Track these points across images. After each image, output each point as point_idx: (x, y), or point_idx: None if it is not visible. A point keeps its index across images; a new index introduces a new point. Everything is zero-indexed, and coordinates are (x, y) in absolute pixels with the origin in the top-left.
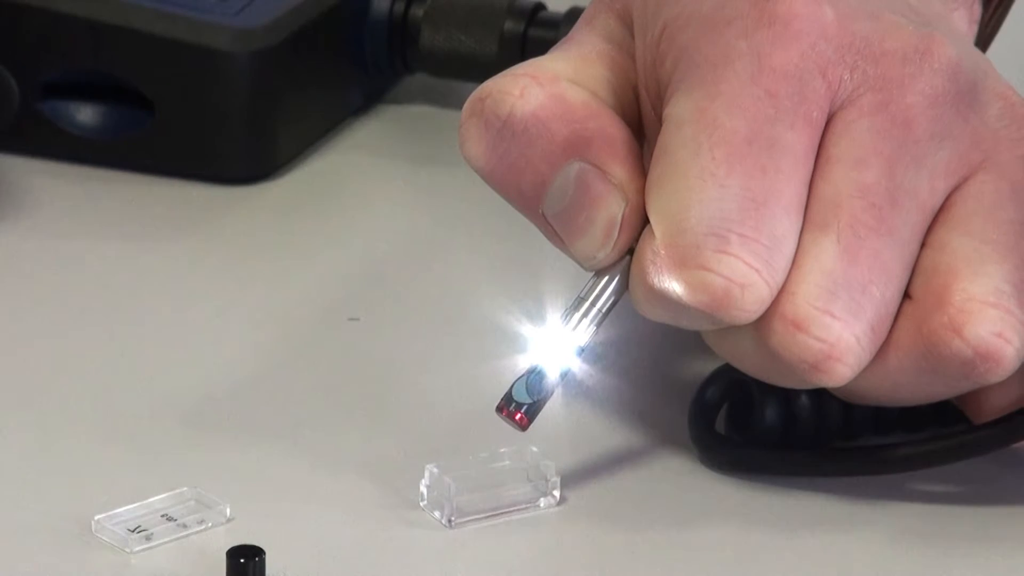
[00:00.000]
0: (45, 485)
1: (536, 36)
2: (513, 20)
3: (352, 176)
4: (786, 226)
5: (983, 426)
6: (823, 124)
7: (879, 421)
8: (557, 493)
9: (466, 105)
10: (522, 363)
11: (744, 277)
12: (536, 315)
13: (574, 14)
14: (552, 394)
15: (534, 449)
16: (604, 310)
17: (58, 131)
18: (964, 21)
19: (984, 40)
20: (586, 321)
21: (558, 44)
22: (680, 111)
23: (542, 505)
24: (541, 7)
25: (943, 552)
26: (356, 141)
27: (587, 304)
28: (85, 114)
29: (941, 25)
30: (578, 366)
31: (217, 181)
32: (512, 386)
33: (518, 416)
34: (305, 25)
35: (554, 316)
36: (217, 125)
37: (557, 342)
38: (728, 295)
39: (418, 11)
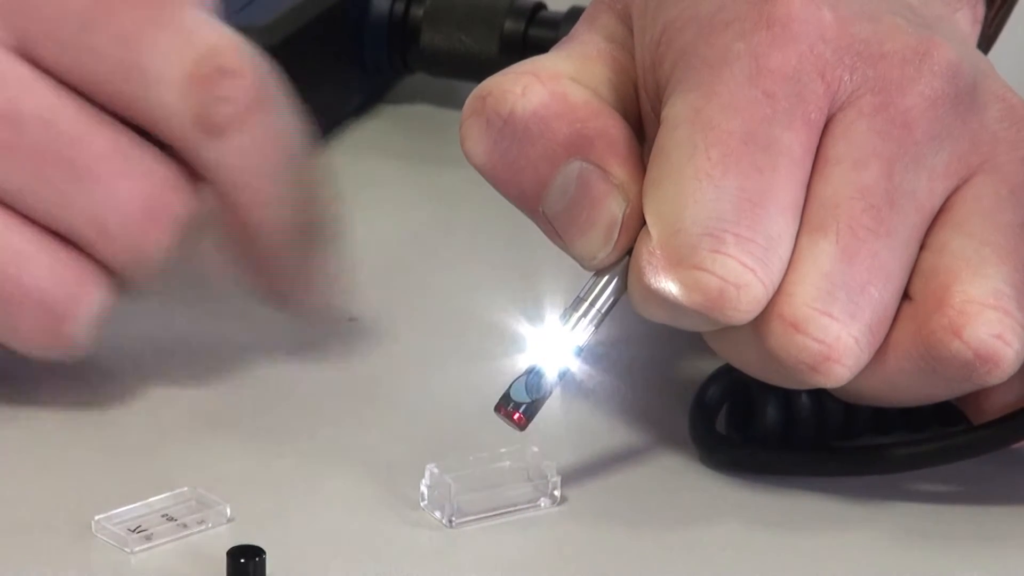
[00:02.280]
0: (45, 485)
1: (536, 36)
2: (513, 20)
3: (352, 176)
4: (782, 226)
5: (984, 426)
6: (821, 125)
7: (879, 421)
8: (557, 493)
9: (467, 103)
10: (521, 363)
11: (739, 277)
12: (535, 315)
13: (574, 13)
14: (550, 394)
15: (534, 449)
16: (603, 311)
17: None
18: (967, 21)
19: (987, 39)
20: (585, 321)
21: (559, 43)
22: (677, 112)
23: (542, 505)
24: (541, 7)
25: (943, 552)
26: (356, 141)
27: (586, 304)
28: None
29: (941, 27)
30: (577, 366)
31: None
32: (510, 386)
33: (516, 416)
34: (305, 25)
35: (553, 316)
36: None
37: (556, 342)
38: (723, 295)
39: (418, 11)
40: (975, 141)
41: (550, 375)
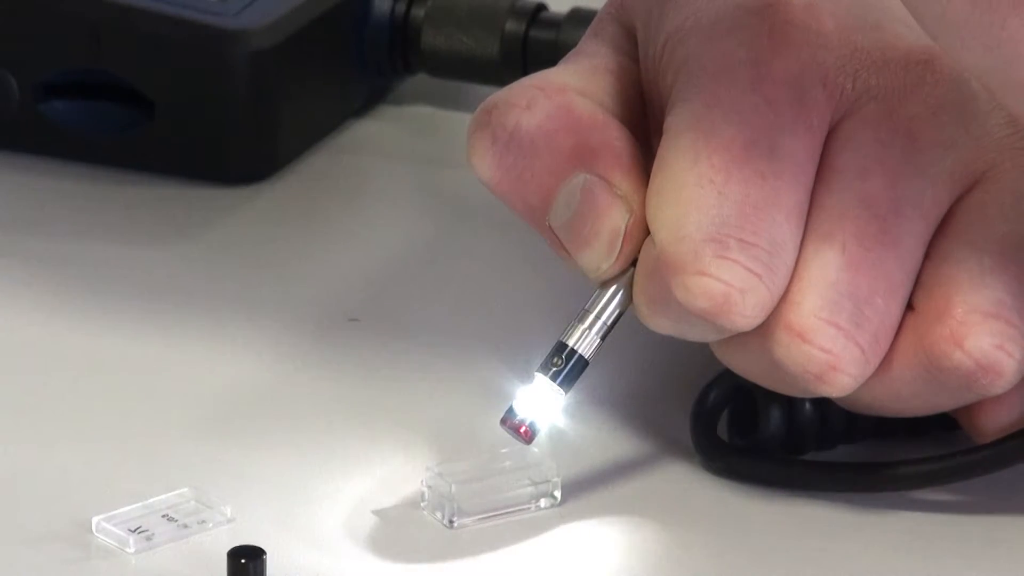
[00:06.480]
0: (46, 486)
1: (537, 37)
2: (514, 20)
3: (352, 177)
4: (787, 232)
5: (992, 444)
6: (824, 133)
7: (882, 427)
8: (558, 494)
9: (473, 117)
10: (525, 375)
11: (744, 282)
12: (538, 319)
13: (576, 15)
14: (557, 407)
15: (535, 450)
16: (609, 323)
17: (58, 131)
18: None
19: None
20: (591, 333)
21: (566, 56)
22: (679, 120)
23: (543, 505)
24: (543, 8)
25: (946, 559)
26: (357, 142)
27: (592, 316)
28: (85, 114)
29: None
30: (582, 378)
31: (217, 181)
32: (515, 399)
33: (522, 429)
34: (306, 25)
35: (557, 325)
36: (217, 125)
37: (561, 355)
38: (728, 300)
39: (419, 11)
40: (979, 149)
41: (555, 389)
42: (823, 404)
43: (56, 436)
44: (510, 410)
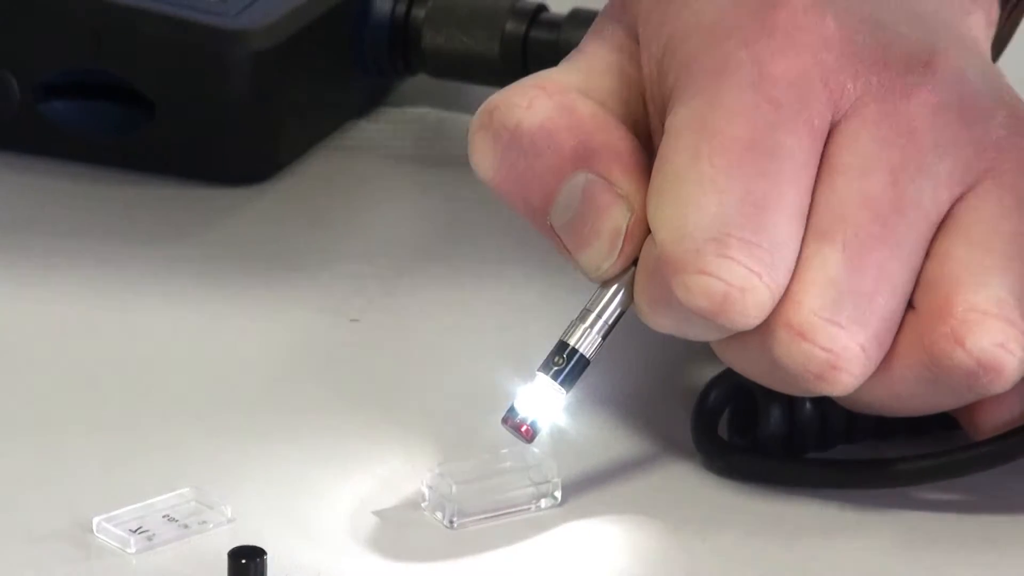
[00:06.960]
0: (46, 486)
1: (538, 37)
2: (515, 21)
3: (353, 177)
4: (787, 231)
5: (989, 441)
6: (825, 132)
7: (882, 427)
8: (558, 494)
9: (475, 117)
10: (526, 373)
11: (744, 281)
12: (539, 320)
13: (576, 15)
14: (558, 407)
15: (535, 450)
16: (610, 322)
17: (58, 131)
18: (980, 25)
19: (1001, 41)
20: (592, 333)
21: (567, 56)
22: (680, 120)
23: (543, 506)
24: (543, 8)
25: (947, 558)
26: (357, 142)
27: (593, 316)
28: (85, 114)
29: (947, 34)
30: (583, 377)
31: (217, 182)
32: (516, 398)
33: (523, 428)
34: (306, 26)
35: (558, 326)
36: (217, 126)
37: (562, 354)
38: (728, 299)
39: (419, 12)
40: (980, 149)
41: (556, 389)
42: (823, 404)
43: (57, 436)
44: (511, 409)
